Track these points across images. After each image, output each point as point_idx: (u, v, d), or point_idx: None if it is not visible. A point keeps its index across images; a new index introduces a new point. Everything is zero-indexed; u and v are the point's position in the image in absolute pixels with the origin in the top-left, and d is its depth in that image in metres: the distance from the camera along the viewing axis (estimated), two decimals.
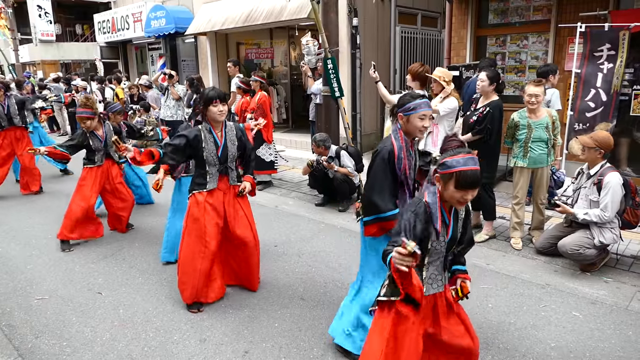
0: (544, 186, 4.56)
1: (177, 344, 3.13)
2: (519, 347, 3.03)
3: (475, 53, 7.77)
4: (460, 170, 1.99)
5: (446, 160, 2.04)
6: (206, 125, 3.43)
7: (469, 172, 1.99)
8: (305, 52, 6.82)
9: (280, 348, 3.07)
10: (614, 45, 5.42)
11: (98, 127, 4.90)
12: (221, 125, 3.47)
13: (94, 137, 4.86)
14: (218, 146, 3.43)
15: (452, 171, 2.01)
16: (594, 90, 5.61)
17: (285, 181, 7.39)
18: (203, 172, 3.46)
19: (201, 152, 3.37)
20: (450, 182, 2.02)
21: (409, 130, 2.71)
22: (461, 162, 2.01)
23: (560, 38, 6.77)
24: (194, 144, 3.36)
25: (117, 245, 4.93)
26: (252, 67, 12.32)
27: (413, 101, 2.65)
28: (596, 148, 3.86)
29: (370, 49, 9.16)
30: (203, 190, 3.45)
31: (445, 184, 2.05)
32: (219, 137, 3.45)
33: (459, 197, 2.03)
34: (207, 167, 3.43)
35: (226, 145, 3.46)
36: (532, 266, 4.25)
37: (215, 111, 3.34)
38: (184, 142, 3.35)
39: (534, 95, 4.28)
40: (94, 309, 3.61)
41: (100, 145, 4.91)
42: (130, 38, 15.39)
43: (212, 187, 3.48)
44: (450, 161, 2.03)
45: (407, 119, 2.68)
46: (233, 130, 3.54)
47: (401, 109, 2.69)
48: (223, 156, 3.45)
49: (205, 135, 3.39)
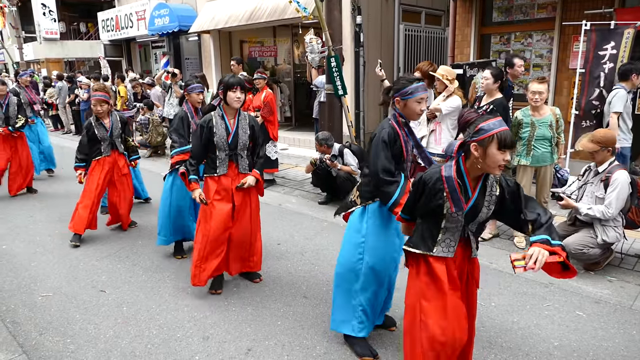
0: (547, 185, 4.55)
1: (181, 342, 3.14)
2: (522, 346, 3.03)
3: (479, 51, 7.75)
4: (500, 131, 2.01)
5: (481, 125, 2.04)
6: (219, 111, 3.54)
7: (506, 132, 2.03)
8: (309, 50, 6.81)
9: (283, 346, 3.07)
10: (617, 44, 5.39)
11: (105, 115, 4.95)
12: (235, 113, 3.57)
13: (100, 126, 4.90)
14: (229, 132, 3.52)
15: (492, 133, 2.01)
16: (598, 89, 5.59)
17: (289, 179, 7.39)
18: (214, 157, 3.57)
19: (212, 137, 3.48)
20: (491, 144, 2.01)
21: (407, 114, 2.73)
22: (497, 124, 2.03)
23: (564, 36, 6.74)
24: (206, 129, 3.49)
25: (121, 243, 4.95)
26: (255, 65, 12.32)
27: (410, 85, 2.66)
28: (602, 148, 3.84)
29: (373, 47, 9.15)
30: (214, 174, 3.57)
31: (485, 149, 2.03)
32: (231, 124, 3.54)
33: (501, 158, 2.02)
34: (217, 152, 3.54)
35: (237, 133, 3.55)
36: None
37: (233, 97, 3.45)
38: (200, 131, 3.49)
39: (538, 92, 4.26)
40: (97, 307, 3.62)
41: (106, 135, 4.92)
42: (133, 36, 15.42)
43: (222, 172, 3.58)
44: (486, 125, 2.04)
45: (404, 103, 2.69)
46: (246, 119, 3.63)
47: (398, 93, 2.69)
48: (233, 143, 3.54)
49: (217, 120, 3.51)
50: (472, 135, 2.07)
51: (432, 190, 2.17)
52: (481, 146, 2.04)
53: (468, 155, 2.11)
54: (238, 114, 3.58)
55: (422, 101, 2.68)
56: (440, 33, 9.68)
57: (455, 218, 2.18)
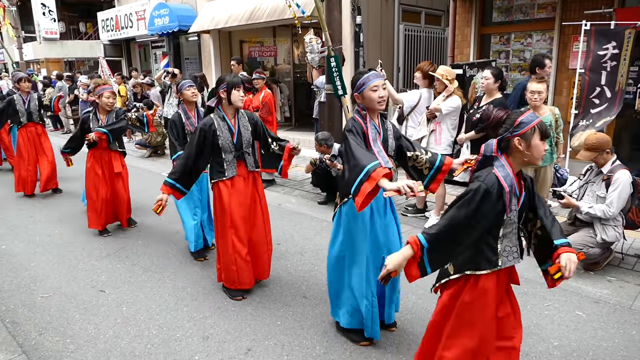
0: (547, 184, 4.55)
1: (180, 342, 3.13)
2: (522, 346, 3.00)
3: (479, 51, 7.76)
4: (539, 122, 2.05)
5: (521, 119, 2.05)
6: (219, 112, 3.47)
7: (543, 122, 2.07)
8: (309, 50, 6.81)
9: (282, 346, 3.07)
10: (619, 44, 5.39)
11: (106, 112, 5.03)
12: (235, 112, 3.52)
13: (95, 120, 4.97)
14: (233, 133, 3.47)
15: (533, 124, 2.04)
16: (599, 88, 5.59)
17: (288, 179, 7.39)
18: (220, 160, 3.49)
19: (217, 140, 3.41)
20: (534, 135, 2.04)
21: (368, 105, 2.74)
22: (534, 116, 2.07)
23: (564, 36, 6.75)
24: (209, 134, 3.40)
25: (120, 242, 4.95)
26: (255, 65, 12.32)
27: (361, 77, 2.70)
28: (600, 152, 3.83)
29: (373, 47, 9.15)
30: (224, 178, 3.49)
31: (529, 141, 2.05)
32: (233, 124, 3.48)
33: (543, 148, 2.07)
34: (223, 155, 3.47)
35: (240, 132, 3.50)
36: (536, 265, 4.22)
37: (237, 95, 3.40)
38: (202, 135, 3.39)
39: (537, 92, 4.26)
40: (97, 307, 3.62)
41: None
42: (133, 36, 15.43)
43: (232, 174, 3.51)
44: (525, 118, 2.06)
45: (362, 96, 2.73)
46: (245, 117, 3.59)
47: (354, 89, 2.74)
48: (238, 142, 3.49)
49: (219, 122, 3.43)
50: (512, 130, 2.06)
51: (495, 197, 2.03)
52: (524, 139, 2.05)
53: (509, 151, 2.10)
54: (237, 113, 3.55)
55: (377, 88, 2.68)
56: (440, 33, 9.69)
57: (511, 221, 2.14)
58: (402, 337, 3.13)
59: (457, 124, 4.97)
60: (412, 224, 5.34)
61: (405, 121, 5.35)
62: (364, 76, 2.70)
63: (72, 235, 5.18)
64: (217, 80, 3.56)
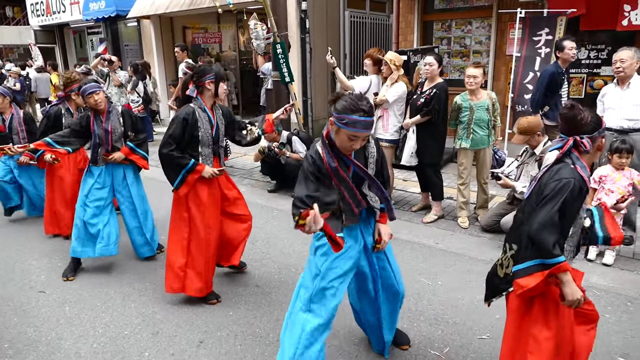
0: (486, 166, 4.75)
1: (129, 339, 3.05)
2: (467, 321, 3.18)
3: (422, 38, 7.92)
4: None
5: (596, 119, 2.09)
6: (200, 103, 3.25)
7: None
8: (254, 36, 6.68)
9: (235, 336, 3.05)
10: (552, 30, 5.68)
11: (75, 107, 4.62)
12: (212, 105, 3.36)
13: (68, 115, 4.55)
14: (212, 125, 3.30)
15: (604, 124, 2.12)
16: (532, 73, 5.87)
17: (237, 168, 7.29)
18: (195, 154, 3.27)
19: (197, 132, 3.22)
20: (599, 140, 2.10)
21: (336, 141, 2.21)
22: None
23: (501, 23, 7.01)
24: (191, 123, 3.20)
25: (61, 240, 4.71)
26: (199, 52, 11.97)
27: (352, 115, 2.09)
28: (531, 135, 4.04)
29: (319, 34, 9.12)
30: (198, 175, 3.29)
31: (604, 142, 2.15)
32: (213, 117, 3.32)
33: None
34: (199, 149, 3.27)
35: (218, 125, 3.36)
36: (478, 243, 4.44)
37: (223, 88, 3.29)
38: (183, 124, 3.18)
39: (472, 76, 4.48)
40: (37, 308, 3.44)
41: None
42: (67, 21, 14.52)
43: None
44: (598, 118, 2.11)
45: (337, 129, 2.17)
46: (220, 110, 3.43)
47: (337, 115, 2.14)
48: (216, 136, 3.35)
49: (200, 114, 3.24)
50: (601, 130, 2.09)
51: (581, 195, 2.02)
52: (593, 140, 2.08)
53: (586, 151, 2.07)
54: (214, 105, 3.38)
55: (355, 139, 2.14)
56: (385, 20, 9.79)
57: (582, 220, 2.13)
58: None
59: (404, 109, 5.07)
60: None
61: None
62: (355, 116, 2.09)
63: (4, 235, 4.88)
64: (196, 70, 3.32)
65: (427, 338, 2.98)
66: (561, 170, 2.02)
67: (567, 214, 1.99)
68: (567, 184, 1.96)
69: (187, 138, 3.21)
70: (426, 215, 5.04)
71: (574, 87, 6.72)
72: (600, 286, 3.60)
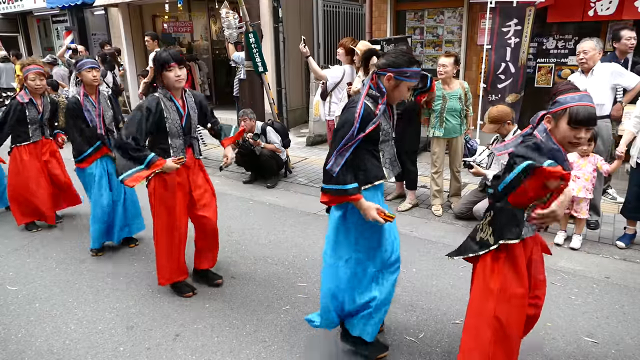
0: (459, 155, 4.84)
1: (103, 334, 3.00)
2: (441, 307, 3.24)
3: (395, 27, 7.95)
4: (574, 106, 1.90)
5: (559, 98, 1.95)
6: (165, 92, 3.03)
7: (582, 107, 1.89)
8: (226, 25, 6.58)
9: (212, 328, 3.04)
10: (521, 21, 5.78)
11: (39, 95, 4.45)
12: (181, 92, 3.11)
13: (31, 106, 4.37)
14: (181, 115, 3.08)
15: (565, 107, 1.92)
16: (504, 63, 5.98)
17: (211, 160, 7.21)
18: (165, 147, 3.06)
19: (164, 123, 3.00)
20: (562, 119, 1.93)
21: (392, 96, 2.34)
22: (576, 98, 1.92)
23: (472, 13, 7.09)
24: (155, 114, 2.97)
25: (29, 235, 4.58)
26: (170, 42, 11.73)
27: (412, 67, 2.26)
28: (502, 124, 4.12)
29: (293, 23, 9.05)
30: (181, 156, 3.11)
31: (556, 123, 1.95)
32: (182, 105, 3.09)
33: (571, 136, 1.92)
34: (169, 140, 3.06)
35: (189, 114, 3.13)
36: (452, 231, 4.53)
37: (172, 77, 2.95)
38: (145, 114, 2.94)
39: (442, 65, 4.58)
40: (5, 305, 3.35)
41: (37, 117, 4.43)
42: (30, 9, 13.98)
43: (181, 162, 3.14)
44: (562, 98, 1.94)
45: (396, 84, 2.29)
46: (192, 97, 3.22)
47: (396, 70, 2.26)
48: (187, 126, 3.12)
49: (166, 103, 3.01)
50: (549, 106, 1.98)
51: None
52: (554, 119, 1.96)
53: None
54: (184, 92, 3.15)
55: (408, 91, 2.35)
56: (358, 9, 9.77)
57: None
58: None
59: None
60: None
61: (329, 97, 5.39)
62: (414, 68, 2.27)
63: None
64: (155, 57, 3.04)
65: (402, 324, 3.03)
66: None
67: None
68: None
69: (150, 129, 3.00)
70: (401, 203, 5.11)
71: (542, 76, 6.88)
72: (568, 269, 3.72)
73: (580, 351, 2.77)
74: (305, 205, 5.29)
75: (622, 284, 3.50)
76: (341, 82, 5.27)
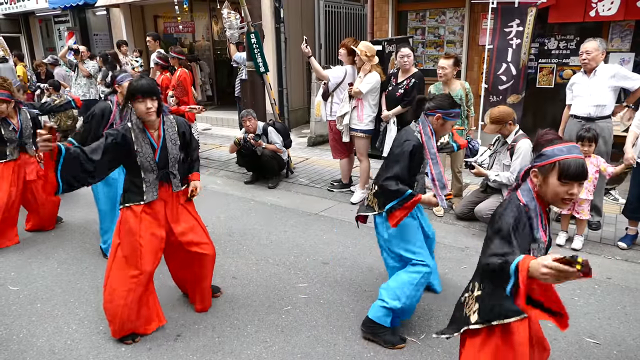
0: (460, 155, 4.83)
1: (104, 334, 3.00)
2: (443, 307, 3.24)
3: (397, 28, 7.95)
4: (564, 159, 1.72)
5: (545, 150, 1.78)
6: (137, 122, 2.71)
7: (573, 160, 1.71)
8: (227, 25, 6.59)
9: (213, 328, 3.04)
10: (522, 21, 5.77)
11: (12, 114, 4.28)
12: (158, 122, 2.77)
13: (5, 125, 4.24)
14: (155, 149, 2.75)
15: (553, 160, 1.74)
16: (505, 64, 5.96)
17: (213, 160, 7.22)
18: (137, 181, 2.77)
19: (133, 157, 2.69)
20: (552, 174, 1.75)
21: (439, 131, 2.89)
22: (564, 151, 1.74)
23: (474, 14, 7.08)
24: (122, 147, 2.65)
25: (31, 235, 4.59)
26: (171, 42, 11.73)
27: (455, 109, 2.85)
28: (503, 124, 4.11)
29: (294, 23, 9.05)
30: (140, 202, 2.77)
31: (545, 178, 1.77)
32: (155, 138, 2.76)
33: (563, 192, 1.74)
34: (142, 174, 2.76)
35: (165, 147, 2.78)
36: (453, 231, 4.52)
37: (142, 109, 2.63)
38: (110, 141, 2.61)
39: (441, 67, 4.60)
40: (7, 306, 3.35)
41: (15, 136, 4.30)
42: (32, 9, 14.02)
43: (152, 198, 2.80)
44: (550, 150, 1.76)
45: (443, 122, 2.84)
46: (174, 126, 2.84)
47: (443, 112, 2.81)
48: (162, 160, 2.78)
49: (137, 135, 2.69)
50: (535, 158, 1.83)
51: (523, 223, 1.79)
52: (541, 173, 1.79)
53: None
54: (162, 122, 2.80)
55: (451, 127, 2.94)
56: (360, 9, 9.78)
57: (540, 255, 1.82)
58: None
59: (378, 100, 5.10)
60: (338, 198, 5.46)
61: (330, 97, 5.39)
62: (456, 109, 2.88)
63: None
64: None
65: (404, 324, 3.03)
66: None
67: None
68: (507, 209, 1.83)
69: (120, 160, 2.71)
70: None
71: (544, 76, 6.87)
72: None
73: (582, 352, 2.77)
74: (307, 205, 5.29)
75: (623, 285, 3.50)
76: (343, 83, 5.27)
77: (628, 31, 6.16)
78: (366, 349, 2.82)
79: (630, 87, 4.23)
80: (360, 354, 2.78)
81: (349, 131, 5.19)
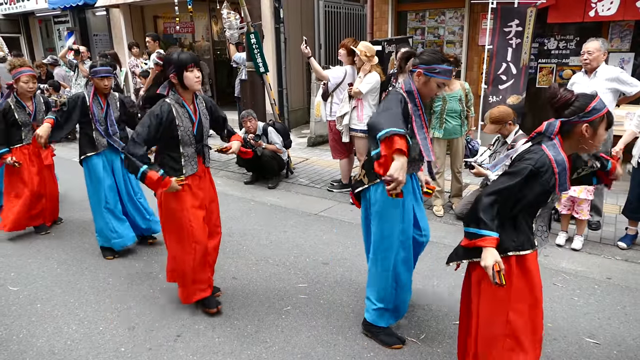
0: (459, 155, 4.83)
1: (104, 334, 3.00)
2: (442, 307, 3.24)
3: (397, 28, 7.95)
4: (608, 110, 1.99)
5: (593, 105, 1.95)
6: (177, 97, 2.86)
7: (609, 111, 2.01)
8: (227, 26, 6.59)
9: (213, 328, 3.04)
10: (522, 21, 5.77)
11: (29, 98, 4.38)
12: (192, 96, 2.95)
13: (20, 108, 4.31)
14: (193, 122, 2.91)
15: (604, 112, 1.96)
16: (505, 64, 5.97)
17: (213, 160, 7.19)
18: (175, 155, 2.90)
19: (176, 132, 2.83)
20: (602, 124, 1.98)
21: (424, 91, 2.51)
22: (603, 103, 1.99)
23: (474, 14, 7.09)
24: (167, 122, 2.79)
25: (30, 236, 4.58)
26: (171, 43, 11.74)
27: (442, 64, 2.43)
28: (503, 124, 4.11)
29: (294, 24, 9.06)
30: (182, 177, 2.90)
31: (595, 129, 1.97)
32: (193, 111, 2.93)
33: (605, 137, 2.04)
34: (181, 149, 2.90)
35: (201, 120, 2.96)
36: (453, 231, 4.52)
37: (192, 77, 2.79)
38: (157, 122, 2.76)
39: None
40: (7, 306, 3.35)
41: (29, 120, 4.37)
42: (32, 10, 14.02)
43: (192, 171, 2.95)
44: (597, 104, 1.96)
45: (426, 79, 2.46)
46: (202, 102, 3.04)
47: (426, 67, 2.44)
48: (199, 133, 2.96)
49: (178, 109, 2.84)
50: (582, 115, 1.96)
51: (544, 179, 1.96)
52: (592, 126, 1.96)
53: (569, 135, 2.01)
54: (195, 97, 2.98)
55: (442, 86, 2.51)
56: (359, 9, 9.77)
57: (552, 202, 2.10)
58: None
59: (378, 99, 5.10)
60: (338, 199, 5.46)
61: (330, 98, 5.39)
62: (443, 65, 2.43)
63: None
64: (164, 60, 2.88)
65: (403, 325, 3.03)
66: (528, 153, 2.01)
67: (526, 196, 1.99)
68: (524, 170, 1.96)
69: (160, 138, 2.83)
70: None
71: (543, 76, 6.87)
72: (569, 270, 3.72)
73: (582, 352, 2.77)
74: (307, 206, 5.29)
75: (623, 285, 3.50)
76: (342, 83, 5.27)
77: (628, 31, 6.17)
78: (366, 349, 2.82)
79: (628, 93, 4.20)
80: (360, 354, 2.78)
81: (348, 131, 5.19)
